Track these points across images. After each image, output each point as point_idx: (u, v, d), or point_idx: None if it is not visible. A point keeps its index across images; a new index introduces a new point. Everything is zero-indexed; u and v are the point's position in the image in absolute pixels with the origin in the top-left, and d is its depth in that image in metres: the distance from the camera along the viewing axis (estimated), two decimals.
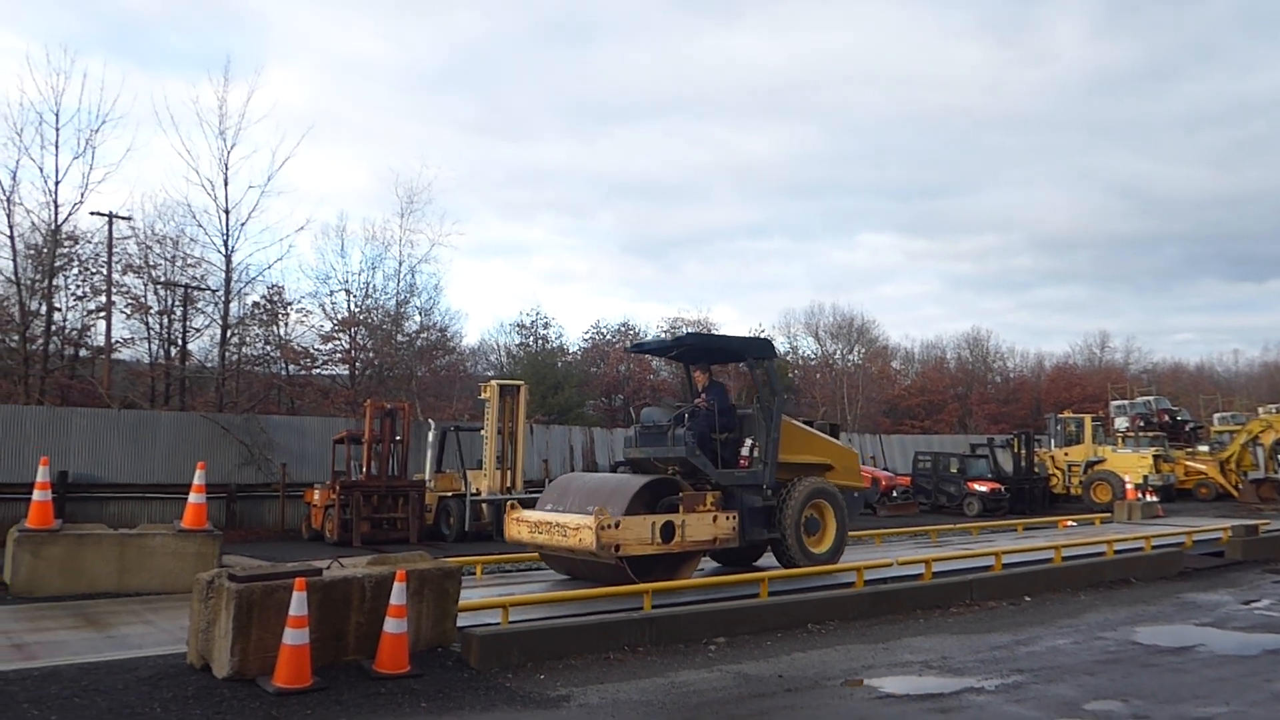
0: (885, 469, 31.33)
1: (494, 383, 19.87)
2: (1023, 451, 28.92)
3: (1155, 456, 30.68)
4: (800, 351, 55.56)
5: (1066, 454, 31.96)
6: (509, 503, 12.67)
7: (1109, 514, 22.44)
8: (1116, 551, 14.33)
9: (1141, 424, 36.08)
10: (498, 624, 8.38)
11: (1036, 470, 29.46)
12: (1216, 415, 39.33)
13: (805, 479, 12.27)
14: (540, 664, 7.83)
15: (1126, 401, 39.18)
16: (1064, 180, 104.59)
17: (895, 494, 28.26)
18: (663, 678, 7.61)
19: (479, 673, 7.51)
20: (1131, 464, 29.88)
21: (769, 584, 10.42)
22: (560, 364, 43.83)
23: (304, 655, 6.80)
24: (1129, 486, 26.60)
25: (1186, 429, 37.56)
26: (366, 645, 7.46)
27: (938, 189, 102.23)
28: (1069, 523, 20.36)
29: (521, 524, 11.38)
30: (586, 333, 49.28)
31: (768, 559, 12.69)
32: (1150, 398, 39.69)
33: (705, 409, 11.93)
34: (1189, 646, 9.13)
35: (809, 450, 12.79)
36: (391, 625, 7.31)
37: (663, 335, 44.52)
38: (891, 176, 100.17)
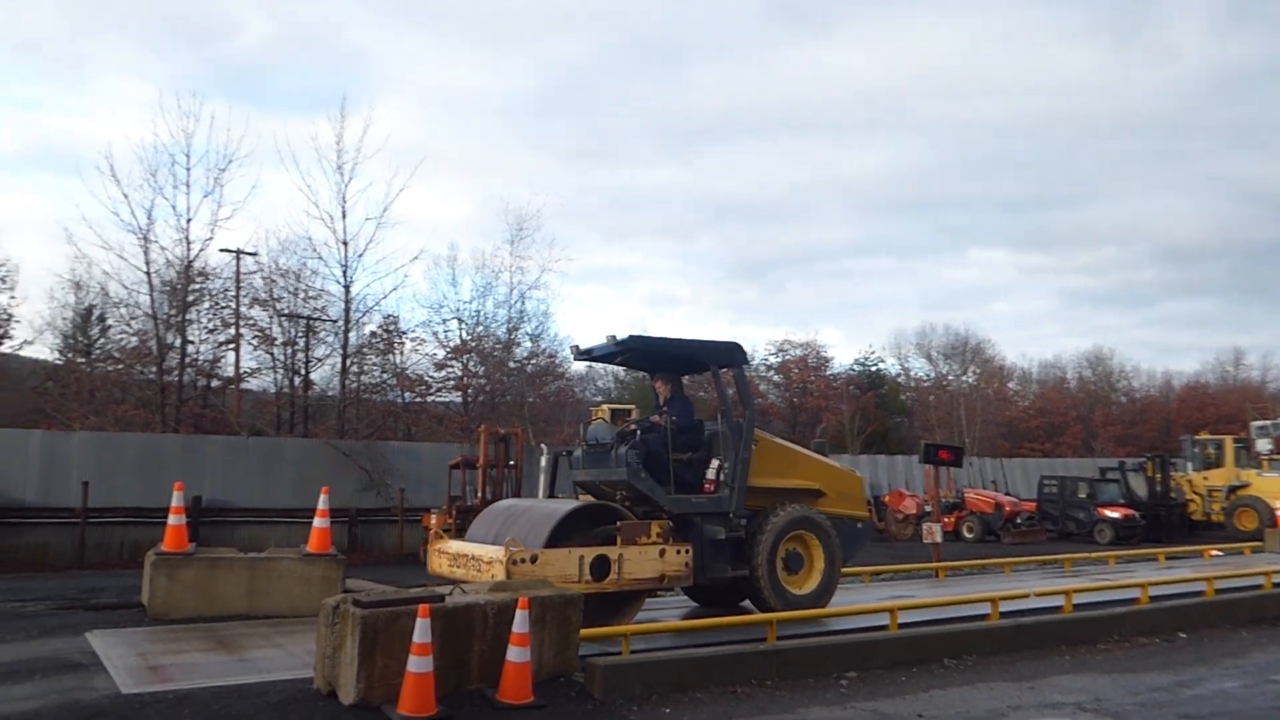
0: (1007, 494, 30.03)
1: (605, 407, 19.78)
2: (1158, 475, 27.41)
3: None
4: (912, 373, 54.17)
5: (1206, 478, 30.07)
6: (433, 532, 11.10)
7: (1259, 543, 20.93)
8: (1276, 585, 13.27)
9: None
10: (619, 653, 8.19)
11: (1173, 495, 27.85)
12: None
13: (786, 507, 10.60)
14: (664, 696, 7.58)
15: (1269, 422, 36.62)
16: (1190, 186, 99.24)
17: (1019, 520, 27.04)
18: (793, 714, 7.27)
19: (603, 704, 7.31)
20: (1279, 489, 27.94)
21: (899, 615, 9.94)
22: None
23: (428, 683, 6.71)
24: None
25: None
26: (489, 673, 7.35)
27: (1052, 200, 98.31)
28: (1214, 552, 19.10)
29: (442, 556, 10.05)
30: None
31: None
32: None
33: (661, 425, 10.45)
34: None
35: (793, 473, 11.12)
36: (515, 654, 7.17)
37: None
38: (1002, 189, 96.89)
